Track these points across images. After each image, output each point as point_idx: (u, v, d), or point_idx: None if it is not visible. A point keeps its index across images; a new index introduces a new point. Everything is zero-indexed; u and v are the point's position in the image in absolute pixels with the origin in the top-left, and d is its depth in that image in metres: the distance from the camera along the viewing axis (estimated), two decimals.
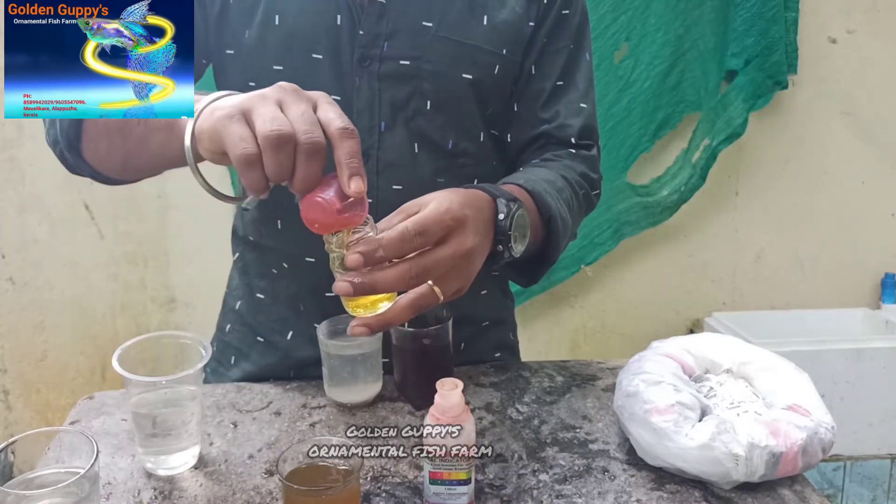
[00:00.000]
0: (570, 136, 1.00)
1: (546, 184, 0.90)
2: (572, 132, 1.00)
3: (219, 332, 1.11)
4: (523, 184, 0.87)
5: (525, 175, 0.91)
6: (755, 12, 2.08)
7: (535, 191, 0.87)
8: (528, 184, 0.87)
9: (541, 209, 0.87)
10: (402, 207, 0.74)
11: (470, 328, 1.06)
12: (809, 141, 2.25)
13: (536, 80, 0.99)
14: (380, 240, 0.67)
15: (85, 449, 0.71)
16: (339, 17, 0.91)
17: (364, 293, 0.68)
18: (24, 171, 2.09)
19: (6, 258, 2.13)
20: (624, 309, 2.34)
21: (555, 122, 1.00)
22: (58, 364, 2.21)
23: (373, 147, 0.93)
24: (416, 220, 0.69)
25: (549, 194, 0.88)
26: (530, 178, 0.89)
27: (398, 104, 0.93)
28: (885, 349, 2.02)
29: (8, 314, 2.16)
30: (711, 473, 0.78)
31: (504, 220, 0.78)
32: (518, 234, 0.80)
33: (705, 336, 0.95)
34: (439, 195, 0.74)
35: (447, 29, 0.92)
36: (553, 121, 1.00)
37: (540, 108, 1.00)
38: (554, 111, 1.00)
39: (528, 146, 1.02)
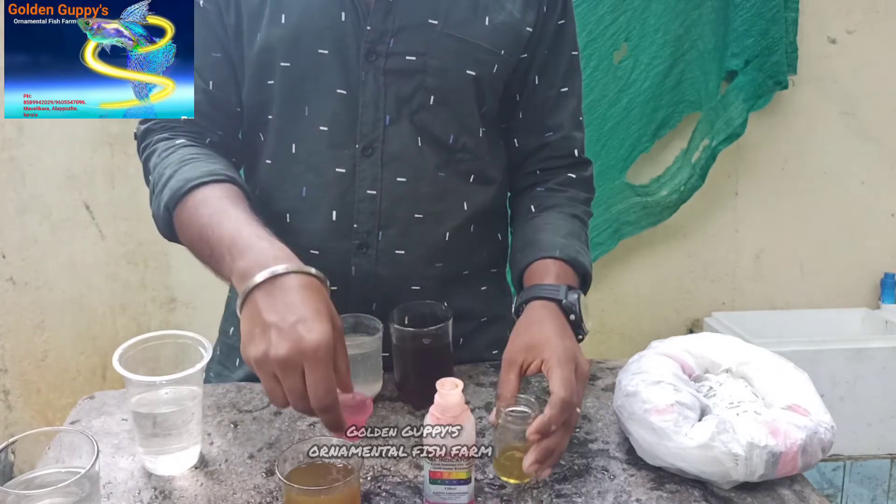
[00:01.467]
0: (573, 148, 1.07)
1: (573, 239, 1.00)
2: (576, 145, 1.07)
3: (222, 335, 1.12)
4: (559, 255, 0.96)
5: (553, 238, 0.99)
6: (755, 12, 2.07)
7: (570, 258, 0.96)
8: (563, 253, 0.96)
9: (577, 269, 0.97)
10: (509, 361, 0.85)
11: (468, 324, 1.06)
12: (809, 141, 2.25)
13: (542, 89, 1.03)
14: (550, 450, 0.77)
15: (85, 449, 0.72)
16: (344, 14, 0.93)
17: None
18: (24, 171, 2.09)
19: (6, 258, 2.13)
20: (624, 309, 2.33)
21: (559, 133, 1.05)
22: (58, 364, 2.21)
23: (378, 140, 0.95)
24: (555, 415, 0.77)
25: (580, 253, 0.98)
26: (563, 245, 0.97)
27: (403, 98, 0.95)
28: (884, 349, 2.01)
29: (8, 314, 2.16)
30: (711, 473, 0.78)
31: (577, 319, 0.90)
32: (585, 315, 0.91)
33: (705, 336, 0.95)
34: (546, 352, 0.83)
35: (452, 27, 0.94)
36: (558, 130, 1.05)
37: (546, 116, 1.05)
38: (559, 121, 1.05)
39: (533, 154, 1.07)
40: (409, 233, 0.98)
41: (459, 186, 1.00)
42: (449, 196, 0.99)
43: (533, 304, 0.91)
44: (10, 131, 2.06)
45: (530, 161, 1.08)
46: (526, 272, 0.98)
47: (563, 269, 0.95)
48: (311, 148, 0.96)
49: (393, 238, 0.97)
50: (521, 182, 1.10)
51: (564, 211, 1.04)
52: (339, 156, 0.95)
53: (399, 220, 0.97)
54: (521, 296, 0.94)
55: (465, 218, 1.01)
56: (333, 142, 0.95)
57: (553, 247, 0.97)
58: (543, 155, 1.07)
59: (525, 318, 0.90)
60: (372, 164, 0.95)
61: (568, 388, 0.79)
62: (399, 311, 0.95)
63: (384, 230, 0.97)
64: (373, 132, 0.95)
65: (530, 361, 0.84)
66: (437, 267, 1.01)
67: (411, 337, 0.93)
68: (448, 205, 1.00)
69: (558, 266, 0.95)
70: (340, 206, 0.96)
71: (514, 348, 0.86)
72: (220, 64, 0.97)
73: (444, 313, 0.95)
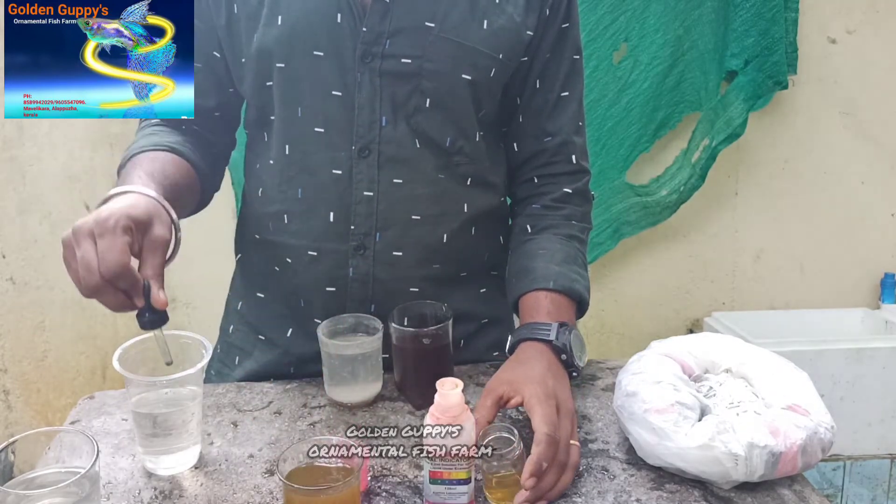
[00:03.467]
0: (571, 154, 1.04)
1: (569, 265, 1.00)
2: (574, 150, 1.05)
3: (222, 334, 1.12)
4: (553, 286, 0.96)
5: (547, 266, 0.99)
6: (755, 12, 2.07)
7: (565, 288, 0.97)
8: (556, 284, 0.97)
9: (572, 296, 0.98)
10: (489, 389, 0.86)
11: (469, 325, 1.07)
12: (809, 141, 2.25)
13: (541, 92, 1.02)
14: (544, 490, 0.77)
15: (85, 449, 0.72)
16: (340, 16, 0.92)
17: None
18: (24, 171, 2.09)
19: (6, 258, 2.13)
20: (623, 309, 2.33)
21: (557, 138, 1.03)
22: (58, 364, 2.21)
23: (374, 141, 0.95)
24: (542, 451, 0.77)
25: (576, 281, 0.99)
26: (557, 274, 0.98)
27: (399, 100, 0.94)
28: (884, 349, 2.01)
29: (8, 314, 2.16)
30: (711, 473, 0.78)
31: (569, 359, 0.91)
32: (579, 353, 0.93)
33: (705, 336, 0.95)
34: (526, 391, 0.83)
35: (449, 30, 0.93)
36: (556, 135, 1.03)
37: (545, 120, 1.03)
38: (558, 125, 1.03)
39: (531, 159, 1.05)
40: (407, 234, 0.98)
41: (458, 189, 1.00)
42: (447, 198, 0.99)
43: (524, 345, 0.92)
44: (10, 131, 2.06)
45: (527, 167, 1.06)
46: (520, 303, 0.99)
47: (557, 303, 0.96)
48: (307, 149, 0.96)
49: (390, 240, 0.97)
50: (519, 191, 1.08)
51: (561, 232, 1.03)
52: (335, 157, 0.95)
53: (397, 222, 0.97)
54: (514, 335, 0.95)
55: (464, 220, 1.01)
56: (330, 143, 0.95)
57: (547, 277, 0.97)
58: (541, 161, 1.05)
59: (515, 356, 0.92)
60: (368, 165, 0.95)
61: (549, 423, 0.80)
62: (399, 311, 0.95)
63: (382, 232, 0.97)
64: (369, 134, 0.94)
65: (510, 395, 0.84)
66: (435, 269, 1.01)
67: (411, 337, 0.93)
68: (446, 207, 0.99)
69: (550, 300, 0.96)
70: (338, 208, 0.96)
71: (497, 380, 0.88)
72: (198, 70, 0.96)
73: (444, 313, 0.95)
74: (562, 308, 0.96)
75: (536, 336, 0.92)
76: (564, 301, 0.97)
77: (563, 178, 1.05)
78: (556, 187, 1.05)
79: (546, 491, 0.77)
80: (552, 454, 0.78)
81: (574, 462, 0.81)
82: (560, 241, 1.02)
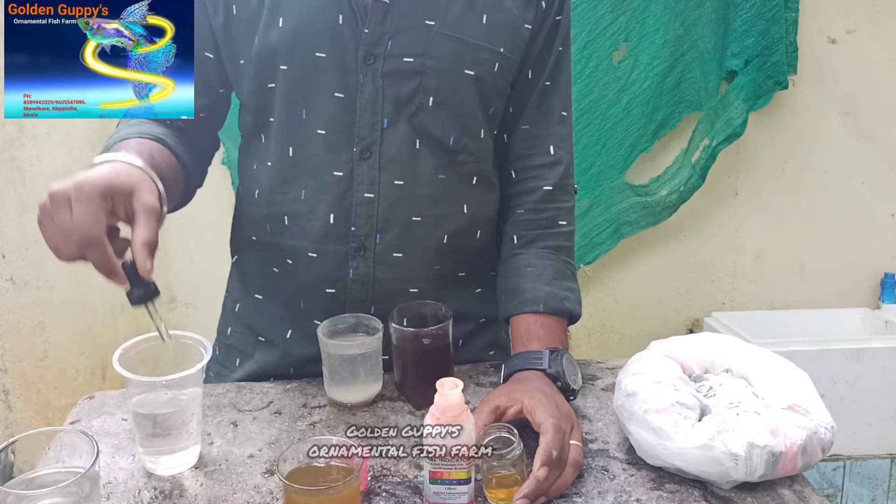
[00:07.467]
0: (549, 145, 1.04)
1: (558, 281, 1.01)
2: (552, 141, 1.04)
3: (220, 335, 1.12)
4: (542, 309, 0.98)
5: (536, 286, 1.00)
6: (755, 12, 2.07)
7: (555, 309, 0.99)
8: (546, 307, 0.98)
9: (563, 314, 0.99)
10: (486, 399, 0.87)
11: (466, 325, 1.07)
12: (809, 141, 2.25)
13: (530, 84, 1.02)
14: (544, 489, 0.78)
15: (85, 449, 0.72)
16: (341, 17, 0.92)
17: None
18: (24, 171, 2.09)
19: (6, 258, 2.13)
20: (623, 309, 2.33)
21: (536, 129, 1.03)
22: (58, 364, 2.21)
23: (375, 143, 0.95)
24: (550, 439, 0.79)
25: (566, 298, 1.00)
26: (547, 295, 0.99)
27: (401, 100, 0.94)
28: (884, 349, 2.01)
29: (8, 314, 2.16)
30: (711, 473, 0.78)
31: (563, 384, 0.91)
32: (573, 376, 0.93)
33: (705, 336, 0.95)
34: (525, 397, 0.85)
35: (449, 27, 0.93)
36: (535, 125, 1.03)
37: (528, 110, 1.03)
38: (537, 115, 1.03)
39: (511, 150, 1.05)
40: (407, 236, 0.98)
41: (460, 189, 1.00)
42: (448, 199, 0.99)
43: (518, 375, 0.93)
44: (10, 131, 2.06)
45: (509, 160, 1.05)
46: (511, 325, 1.00)
47: (547, 327, 0.98)
48: (308, 151, 0.96)
49: (391, 241, 0.97)
50: (504, 190, 1.07)
51: (548, 245, 1.03)
52: (336, 159, 0.95)
53: (397, 224, 0.97)
54: (507, 365, 0.96)
55: (465, 221, 1.01)
56: (331, 145, 0.95)
57: (536, 300, 0.98)
58: (518, 153, 1.04)
59: (511, 380, 0.93)
60: (369, 167, 0.95)
61: (553, 415, 0.81)
62: (399, 311, 0.95)
63: (382, 233, 0.97)
64: (370, 135, 0.94)
65: (508, 405, 0.85)
66: (436, 269, 1.01)
67: (411, 337, 0.93)
68: (447, 208, 0.99)
69: (540, 325, 0.97)
70: (338, 210, 0.96)
71: (494, 393, 0.89)
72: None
73: (443, 314, 0.95)
74: (552, 331, 0.98)
75: (529, 367, 0.93)
76: (554, 322, 0.99)
77: (541, 170, 1.04)
78: (535, 183, 1.04)
79: (546, 488, 0.77)
80: (560, 441, 0.79)
81: (575, 461, 0.81)
82: (548, 255, 1.03)
